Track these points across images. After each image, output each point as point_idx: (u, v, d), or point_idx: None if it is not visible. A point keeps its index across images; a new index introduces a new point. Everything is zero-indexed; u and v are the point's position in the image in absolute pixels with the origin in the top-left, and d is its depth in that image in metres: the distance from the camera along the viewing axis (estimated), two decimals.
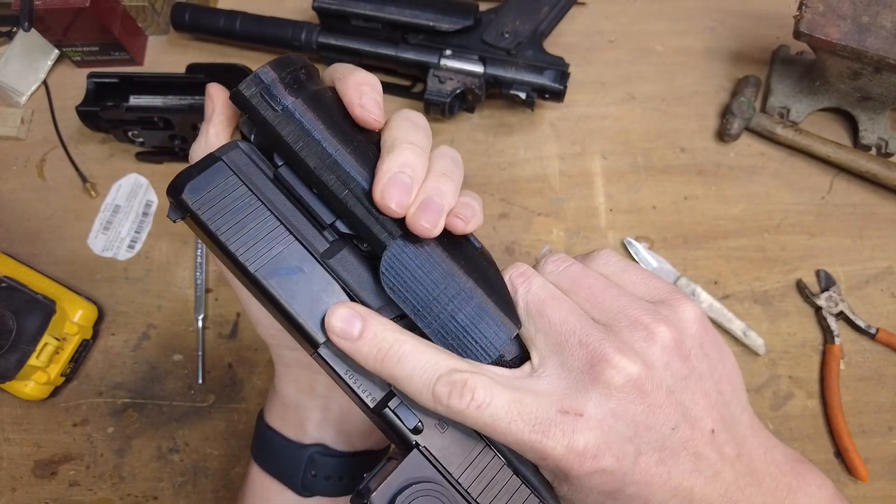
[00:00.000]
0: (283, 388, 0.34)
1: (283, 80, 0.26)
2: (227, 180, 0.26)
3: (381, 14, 0.61)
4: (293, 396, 0.34)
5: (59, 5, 0.59)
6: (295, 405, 0.34)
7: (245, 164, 0.26)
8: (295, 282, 0.25)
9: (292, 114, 0.25)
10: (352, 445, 0.34)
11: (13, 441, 0.56)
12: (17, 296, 0.53)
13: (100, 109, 0.59)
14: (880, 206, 0.60)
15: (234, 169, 0.26)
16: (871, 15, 0.53)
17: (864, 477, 0.52)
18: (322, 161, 0.25)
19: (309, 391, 0.33)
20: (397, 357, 0.24)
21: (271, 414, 0.34)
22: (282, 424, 0.34)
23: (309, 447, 0.33)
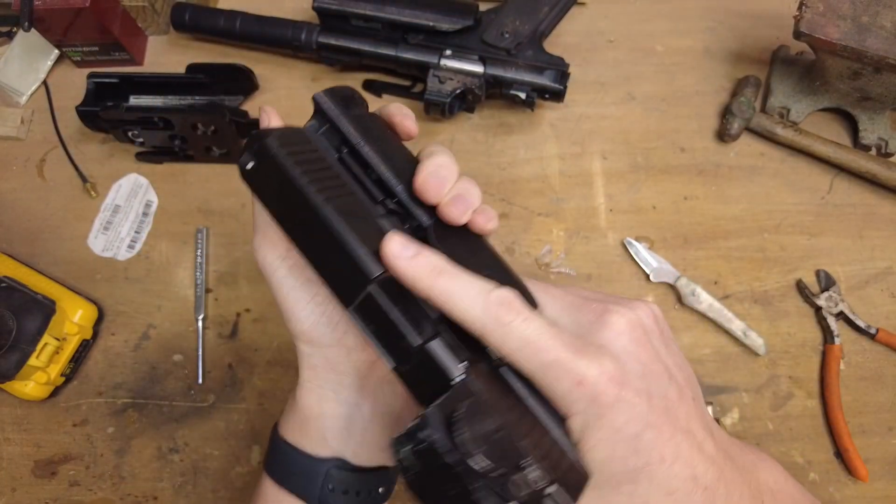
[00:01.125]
0: (304, 399, 0.33)
1: (354, 96, 0.33)
2: (304, 142, 0.30)
3: (381, 14, 0.61)
4: (315, 406, 0.33)
5: (59, 5, 0.59)
6: (316, 416, 0.33)
7: (317, 139, 0.31)
8: (353, 221, 0.27)
9: (361, 117, 0.32)
10: (370, 460, 0.33)
11: (13, 441, 0.56)
12: (17, 296, 0.53)
13: (100, 109, 0.59)
14: (880, 206, 0.60)
15: (311, 137, 0.31)
16: (871, 15, 0.53)
17: (865, 477, 0.52)
18: (382, 153, 0.31)
19: (333, 399, 0.33)
20: (452, 273, 0.26)
21: (288, 427, 0.34)
22: (299, 438, 0.33)
23: (327, 461, 0.32)
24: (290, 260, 0.31)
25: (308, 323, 0.31)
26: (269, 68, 0.67)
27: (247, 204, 0.62)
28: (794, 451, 0.53)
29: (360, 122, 0.31)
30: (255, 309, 0.59)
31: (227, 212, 0.62)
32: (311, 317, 0.31)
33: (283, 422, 0.34)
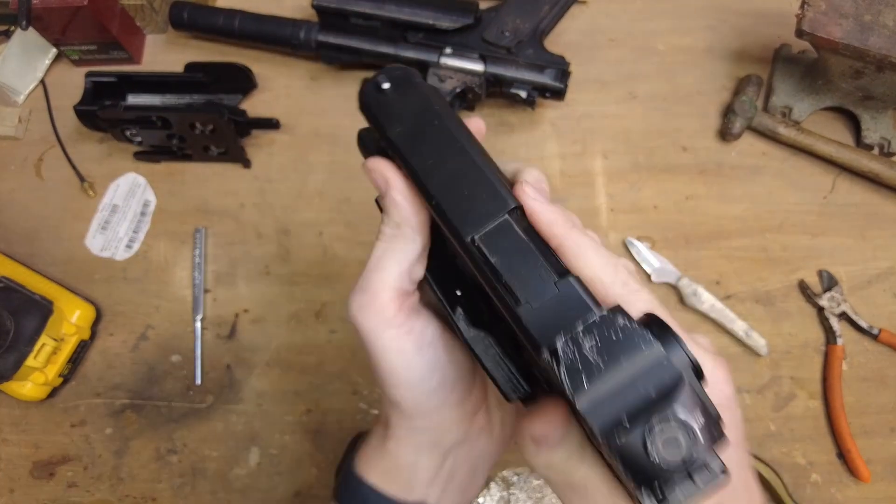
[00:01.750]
0: (398, 450, 0.31)
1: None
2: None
3: (381, 12, 0.60)
4: (410, 457, 0.31)
5: (58, 4, 0.58)
6: (409, 464, 0.31)
7: None
8: (485, 155, 0.27)
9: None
10: (451, 502, 0.33)
11: (11, 442, 0.55)
12: (15, 296, 0.53)
13: (98, 109, 0.59)
14: (883, 205, 0.60)
15: None
16: (873, 13, 0.52)
17: (867, 478, 0.51)
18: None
19: (430, 448, 0.31)
20: (582, 230, 0.26)
21: (370, 469, 0.32)
22: (385, 482, 0.32)
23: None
24: (395, 323, 0.28)
25: (408, 399, 0.29)
26: (268, 67, 0.66)
27: (246, 204, 0.62)
28: (796, 451, 0.53)
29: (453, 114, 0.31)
30: (253, 309, 0.58)
31: (226, 211, 0.62)
32: (421, 384, 0.29)
33: (365, 460, 0.32)
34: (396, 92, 0.28)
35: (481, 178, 0.25)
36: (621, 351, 0.19)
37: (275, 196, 0.62)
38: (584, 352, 0.19)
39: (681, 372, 0.19)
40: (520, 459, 0.53)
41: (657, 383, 0.19)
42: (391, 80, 0.28)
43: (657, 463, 0.18)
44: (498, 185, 0.25)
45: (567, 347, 0.20)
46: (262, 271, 0.60)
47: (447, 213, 0.25)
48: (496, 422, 0.33)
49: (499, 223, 0.24)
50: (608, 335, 0.19)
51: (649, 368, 0.19)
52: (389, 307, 0.28)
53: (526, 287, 0.23)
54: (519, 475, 0.53)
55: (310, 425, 0.55)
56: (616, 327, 0.20)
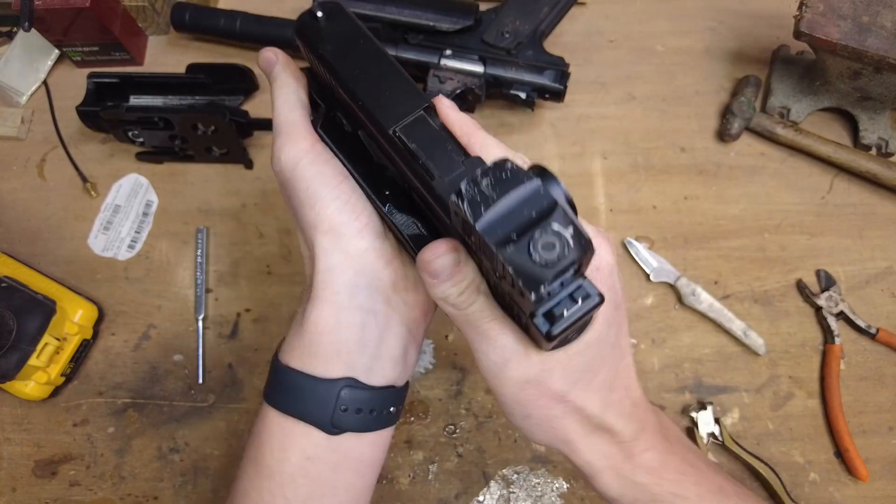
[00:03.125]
0: (317, 311, 0.32)
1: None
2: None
3: (381, 14, 0.61)
4: (329, 318, 0.32)
5: (60, 5, 0.59)
6: (330, 329, 0.32)
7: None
8: (401, 70, 0.31)
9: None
10: (380, 377, 0.33)
11: (13, 441, 0.56)
12: (18, 296, 0.53)
13: (100, 109, 0.59)
14: (880, 205, 0.60)
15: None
16: (871, 14, 0.53)
17: (865, 477, 0.52)
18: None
19: (348, 306, 0.32)
20: (485, 133, 0.33)
21: (293, 353, 0.33)
22: (308, 360, 0.32)
23: (338, 381, 0.31)
24: (313, 153, 0.32)
25: (332, 206, 0.32)
26: None
27: (247, 204, 0.62)
28: (795, 450, 0.53)
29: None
30: (255, 309, 0.59)
31: (228, 212, 0.62)
32: (335, 201, 0.32)
33: (287, 348, 0.33)
34: (328, 19, 0.32)
35: (400, 81, 0.30)
36: (510, 186, 0.23)
37: (276, 196, 0.62)
38: (481, 188, 0.23)
39: (555, 200, 0.23)
40: (520, 458, 0.53)
41: (538, 208, 0.23)
42: (324, 9, 0.32)
43: (538, 261, 0.22)
44: (414, 87, 0.30)
45: (468, 186, 0.23)
46: (263, 271, 0.60)
47: (374, 112, 0.29)
48: (410, 286, 0.34)
49: (416, 117, 0.29)
50: (500, 175, 0.23)
51: (531, 197, 0.23)
52: (302, 141, 0.32)
53: (439, 165, 0.28)
54: (519, 473, 0.53)
55: None
56: (506, 169, 0.23)
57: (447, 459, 0.54)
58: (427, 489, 0.53)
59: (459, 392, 0.55)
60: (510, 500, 0.53)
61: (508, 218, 0.23)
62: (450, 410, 0.55)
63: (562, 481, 0.53)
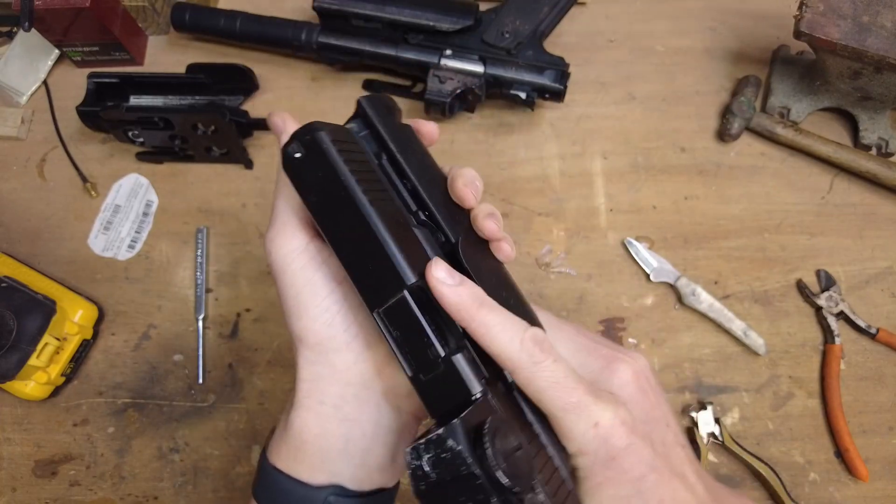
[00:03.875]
0: (301, 419, 0.31)
1: (394, 106, 0.34)
2: (352, 142, 0.30)
3: (382, 14, 0.61)
4: (314, 427, 0.31)
5: (60, 5, 0.59)
6: (314, 438, 0.31)
7: (361, 140, 0.32)
8: (394, 226, 0.28)
9: (399, 127, 0.33)
10: (368, 483, 0.32)
11: (14, 441, 0.56)
12: (18, 296, 0.53)
13: (100, 109, 0.59)
14: (880, 205, 0.60)
15: (357, 138, 0.32)
16: (871, 14, 0.53)
17: (865, 477, 0.52)
18: (417, 165, 0.32)
19: (333, 416, 0.31)
20: (492, 307, 0.27)
21: (279, 454, 0.32)
22: (294, 464, 0.31)
23: (324, 489, 0.31)
24: (307, 255, 0.30)
25: (320, 321, 0.30)
26: (269, 68, 0.67)
27: (247, 204, 0.62)
28: (795, 450, 0.53)
29: (399, 131, 0.33)
30: (255, 309, 0.59)
31: (228, 211, 0.62)
32: (324, 315, 0.30)
33: (274, 448, 0.32)
34: (308, 158, 0.28)
35: (383, 254, 0.27)
36: (448, 469, 0.23)
37: None
38: (422, 464, 0.23)
39: (491, 493, 0.22)
40: None
41: (472, 498, 0.22)
42: (303, 146, 0.28)
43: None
44: (399, 261, 0.27)
45: (412, 455, 0.23)
46: (263, 271, 0.60)
47: (357, 285, 0.28)
48: (403, 392, 0.32)
49: (397, 300, 0.26)
50: (441, 453, 0.23)
51: (467, 487, 0.23)
52: (298, 236, 0.30)
53: (417, 362, 0.26)
54: None
55: None
56: (447, 449, 0.23)
57: None
58: None
59: None
60: None
61: (444, 499, 0.23)
62: None
63: None
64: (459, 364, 0.25)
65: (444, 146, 0.64)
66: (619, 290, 0.58)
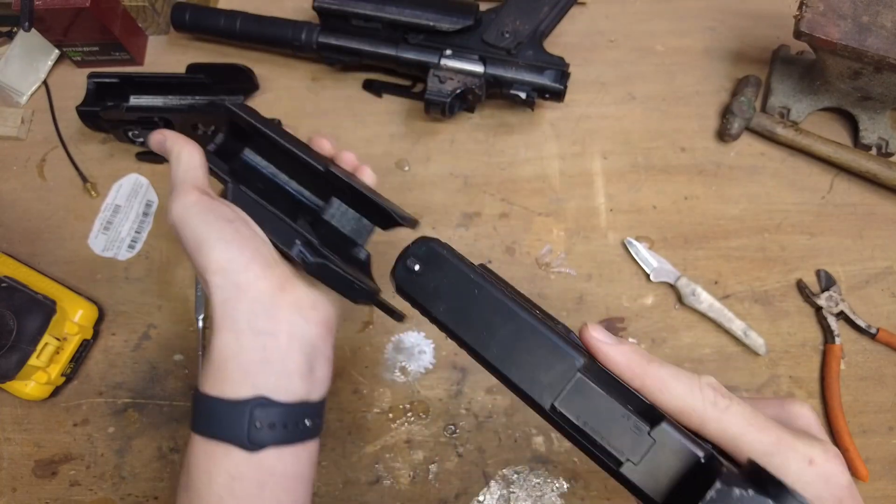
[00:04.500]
0: (219, 340, 0.34)
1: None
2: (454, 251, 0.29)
3: (382, 14, 0.61)
4: (232, 344, 0.34)
5: (60, 5, 0.59)
6: (234, 354, 0.34)
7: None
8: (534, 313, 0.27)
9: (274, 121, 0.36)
10: (292, 393, 0.34)
11: (14, 441, 0.56)
12: (18, 296, 0.53)
13: (100, 109, 0.59)
14: (881, 205, 0.60)
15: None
16: (871, 14, 0.53)
17: (865, 477, 0.52)
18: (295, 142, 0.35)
19: (248, 331, 0.34)
20: (660, 362, 0.25)
21: (207, 383, 0.35)
22: (220, 386, 0.34)
23: (249, 401, 0.33)
24: (200, 205, 0.35)
25: (220, 248, 0.34)
26: (269, 68, 0.67)
27: None
28: None
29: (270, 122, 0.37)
30: None
31: None
32: (222, 243, 0.34)
33: (203, 379, 0.35)
34: (428, 269, 0.28)
35: (541, 339, 0.25)
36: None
37: None
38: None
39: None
40: (520, 458, 0.53)
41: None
42: (419, 258, 0.28)
43: None
44: (559, 343, 0.25)
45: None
46: None
47: (519, 385, 0.25)
48: (307, 304, 0.35)
49: (574, 383, 0.24)
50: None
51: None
52: (189, 195, 0.36)
53: (622, 444, 0.23)
54: (519, 473, 0.53)
55: None
56: (733, 499, 0.20)
57: (447, 459, 0.54)
58: (427, 489, 0.53)
59: (459, 392, 0.55)
60: (510, 500, 0.53)
61: None
62: (450, 410, 0.55)
63: (562, 481, 0.53)
64: (670, 429, 0.23)
65: (444, 146, 0.64)
66: (619, 290, 0.58)
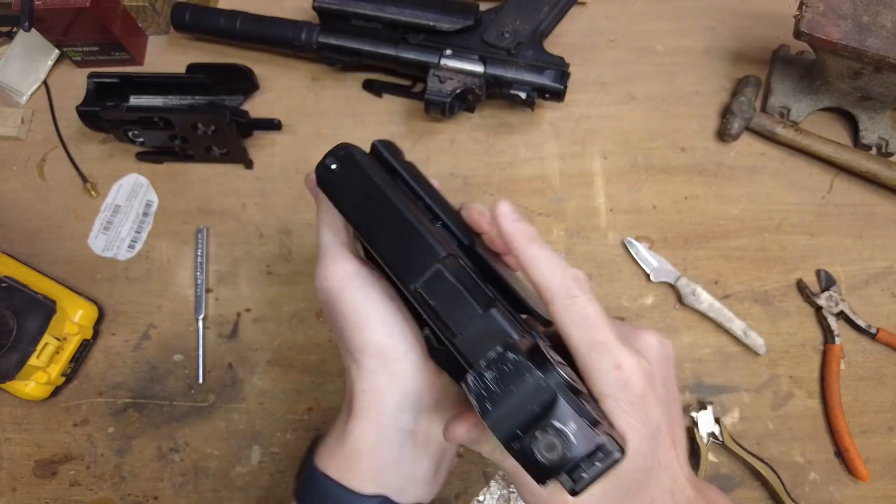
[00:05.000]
0: (360, 429, 0.32)
1: (402, 152, 0.39)
2: (375, 161, 0.35)
3: (382, 14, 0.61)
4: (372, 437, 0.32)
5: (60, 5, 0.59)
6: (371, 448, 0.32)
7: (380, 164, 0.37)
8: (421, 217, 0.32)
9: (409, 164, 0.38)
10: (412, 496, 0.33)
11: (14, 441, 0.56)
12: (18, 296, 0.53)
13: (100, 109, 0.59)
14: (881, 205, 0.60)
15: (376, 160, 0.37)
16: (871, 14, 0.53)
17: (865, 477, 0.52)
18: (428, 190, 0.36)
19: (392, 427, 0.32)
20: (542, 244, 0.29)
21: (331, 462, 0.33)
22: (345, 474, 0.32)
23: (372, 499, 0.32)
24: (360, 276, 0.33)
25: (381, 332, 0.32)
26: (270, 68, 0.67)
27: (247, 204, 0.62)
28: (795, 450, 0.53)
29: (410, 167, 0.37)
30: (255, 309, 0.59)
31: (228, 211, 0.62)
32: (384, 326, 0.32)
33: (326, 455, 0.33)
34: (342, 169, 0.33)
35: (415, 235, 0.30)
36: (512, 381, 0.24)
37: (276, 196, 0.62)
38: (486, 382, 0.25)
39: (555, 391, 0.24)
40: None
41: (540, 403, 0.24)
42: (337, 159, 0.33)
43: (543, 462, 0.23)
44: (429, 239, 0.30)
45: (475, 381, 0.25)
46: (263, 271, 0.60)
47: (392, 268, 0.30)
48: (450, 404, 0.34)
49: (433, 272, 0.29)
50: (503, 368, 0.25)
51: (533, 392, 0.24)
52: (348, 263, 0.33)
53: (458, 322, 0.28)
54: None
55: (311, 424, 0.55)
56: (508, 361, 0.25)
57: None
58: None
59: None
60: (510, 499, 0.53)
61: (514, 413, 0.24)
62: None
63: None
64: (497, 315, 0.27)
65: (444, 146, 0.64)
66: (619, 290, 0.58)
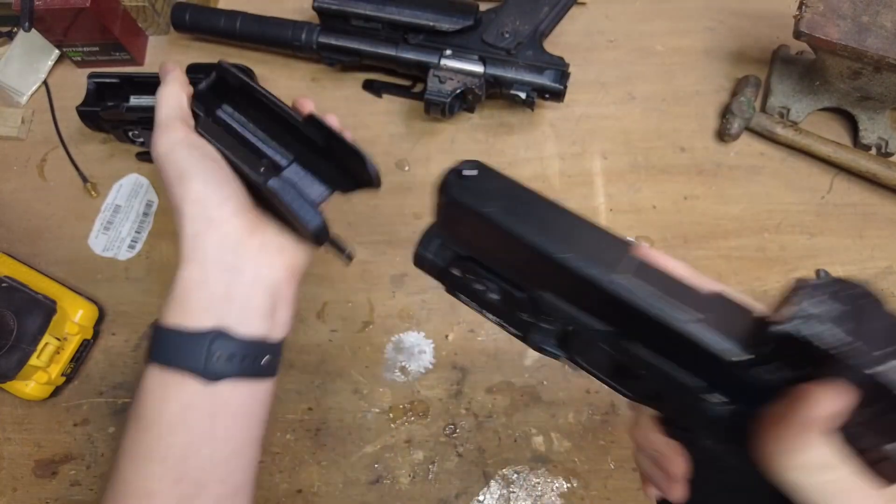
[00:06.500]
0: (185, 270, 0.35)
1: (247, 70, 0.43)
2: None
3: (382, 14, 0.61)
4: (197, 274, 0.35)
5: (60, 5, 0.59)
6: (198, 284, 0.35)
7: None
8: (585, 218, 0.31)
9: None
10: (252, 329, 0.35)
11: (14, 441, 0.56)
12: (18, 296, 0.53)
13: (100, 109, 0.59)
14: (880, 205, 0.60)
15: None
16: (871, 14, 0.53)
17: None
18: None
19: (214, 265, 0.35)
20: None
21: (168, 313, 0.35)
22: (181, 317, 0.35)
23: (210, 332, 0.34)
24: (187, 142, 0.37)
25: (200, 182, 0.36)
26: (269, 68, 0.67)
27: None
28: None
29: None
30: None
31: None
32: (202, 179, 0.36)
33: (164, 311, 0.36)
34: (480, 177, 0.30)
35: (592, 229, 0.29)
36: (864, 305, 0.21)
37: None
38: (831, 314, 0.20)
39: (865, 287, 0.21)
40: (520, 458, 0.53)
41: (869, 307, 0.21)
42: (472, 167, 0.30)
43: None
44: (607, 233, 0.29)
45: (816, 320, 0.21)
46: None
47: (581, 269, 0.27)
48: (274, 248, 0.37)
49: (626, 260, 0.27)
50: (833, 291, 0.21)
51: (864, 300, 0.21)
52: (178, 131, 0.38)
53: (691, 307, 0.26)
54: (519, 473, 0.53)
55: (311, 424, 0.55)
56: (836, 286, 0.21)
57: (447, 459, 0.54)
58: (427, 489, 0.53)
59: (459, 392, 0.55)
60: (510, 499, 0.53)
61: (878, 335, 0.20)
62: (450, 410, 0.55)
63: (562, 481, 0.53)
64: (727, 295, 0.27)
65: (444, 146, 0.64)
66: None
